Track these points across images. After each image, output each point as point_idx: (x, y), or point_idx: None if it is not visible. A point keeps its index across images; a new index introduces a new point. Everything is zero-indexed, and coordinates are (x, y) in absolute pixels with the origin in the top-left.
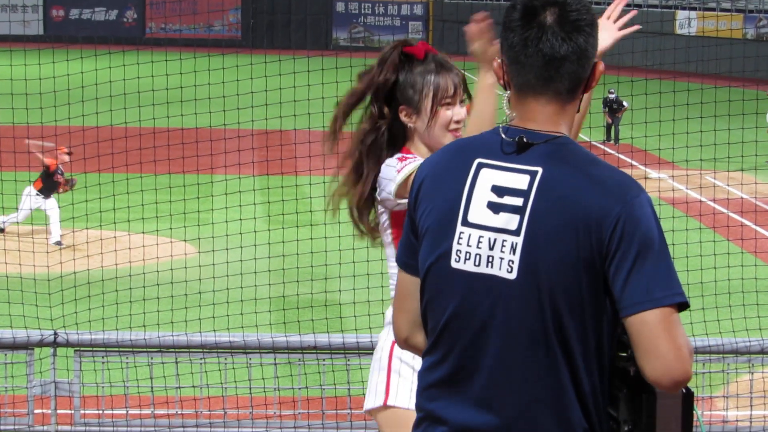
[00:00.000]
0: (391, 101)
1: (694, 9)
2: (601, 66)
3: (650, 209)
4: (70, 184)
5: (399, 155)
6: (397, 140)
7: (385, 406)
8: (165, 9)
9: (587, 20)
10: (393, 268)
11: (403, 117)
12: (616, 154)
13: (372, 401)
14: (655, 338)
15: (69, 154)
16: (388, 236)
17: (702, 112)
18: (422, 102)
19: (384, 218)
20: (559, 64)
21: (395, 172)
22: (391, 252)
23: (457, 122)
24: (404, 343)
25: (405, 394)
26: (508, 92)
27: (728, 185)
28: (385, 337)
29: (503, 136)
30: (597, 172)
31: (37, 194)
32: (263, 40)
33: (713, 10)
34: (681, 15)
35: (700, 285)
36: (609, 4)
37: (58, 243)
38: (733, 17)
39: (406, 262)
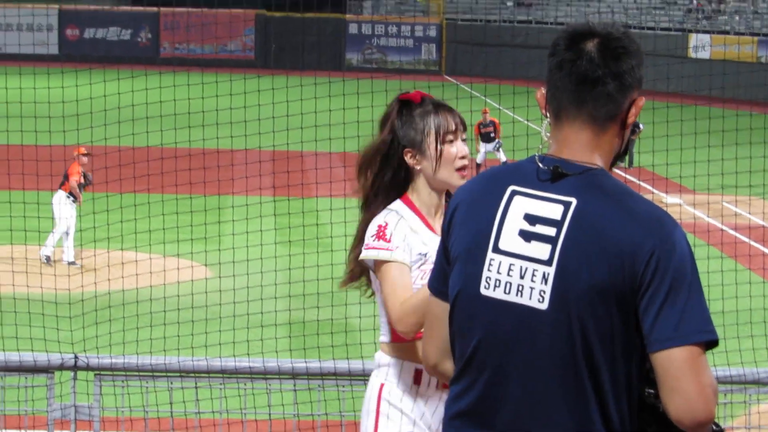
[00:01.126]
0: (393, 150)
1: (708, 32)
2: (641, 101)
3: (685, 244)
4: (88, 182)
5: (386, 218)
6: (401, 184)
7: None
8: (179, 29)
9: (629, 50)
10: (384, 317)
11: (408, 159)
12: (629, 177)
13: None
14: (681, 377)
15: (87, 155)
16: (377, 287)
17: (724, 138)
18: (425, 141)
19: (372, 269)
20: (592, 86)
21: (365, 245)
22: (380, 301)
23: (462, 158)
24: (433, 369)
25: None
26: (548, 119)
27: (749, 213)
28: (374, 379)
29: (539, 164)
30: (632, 205)
31: (68, 197)
32: (277, 61)
33: (727, 33)
34: (694, 38)
35: (721, 314)
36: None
37: (72, 263)
38: (741, 41)
39: (437, 288)
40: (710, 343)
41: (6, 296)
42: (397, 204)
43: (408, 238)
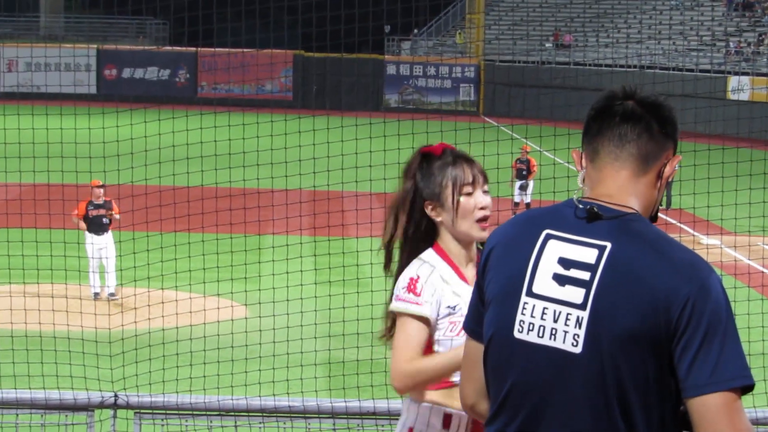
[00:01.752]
0: (416, 203)
1: (747, 74)
2: (678, 158)
3: (720, 289)
4: (107, 209)
5: (417, 271)
6: (427, 234)
7: None
8: (217, 69)
9: (667, 106)
10: None
11: (429, 212)
12: (669, 219)
13: None
14: (717, 423)
15: (102, 186)
16: None
17: (765, 181)
18: (443, 193)
19: None
20: (636, 123)
21: (396, 294)
22: None
23: (482, 209)
24: (470, 410)
25: None
26: (583, 170)
27: None
28: (403, 423)
29: (578, 205)
30: (667, 251)
31: (90, 234)
32: (315, 101)
33: (766, 75)
34: (733, 80)
35: (762, 356)
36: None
37: (112, 295)
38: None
39: (473, 329)
40: (746, 388)
41: (46, 334)
42: (429, 253)
43: (438, 291)
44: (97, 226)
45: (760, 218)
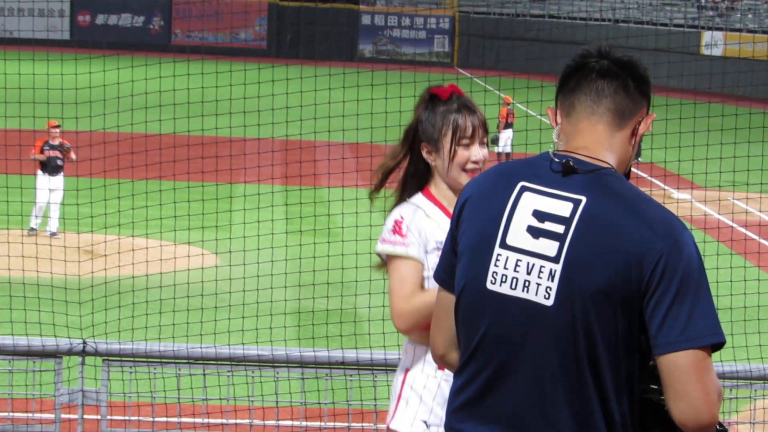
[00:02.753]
0: (416, 139)
1: (721, 29)
2: (652, 117)
3: (693, 248)
4: (62, 150)
5: (402, 211)
6: (422, 176)
7: (388, 429)
8: (191, 16)
9: (642, 65)
10: None
11: (424, 154)
12: (640, 173)
13: (386, 419)
14: (686, 382)
15: (57, 127)
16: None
17: (736, 136)
18: (441, 140)
19: None
20: (613, 79)
21: (381, 236)
22: None
23: (475, 162)
24: (440, 359)
25: (407, 420)
26: (558, 126)
27: (760, 210)
28: (401, 364)
29: (553, 158)
30: (642, 208)
31: (42, 173)
32: (289, 50)
33: (740, 30)
34: (707, 35)
35: (729, 311)
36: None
37: (54, 234)
38: (758, 38)
39: (444, 280)
40: (717, 345)
41: (15, 280)
42: (417, 197)
43: (424, 230)
44: (50, 167)
45: (731, 173)
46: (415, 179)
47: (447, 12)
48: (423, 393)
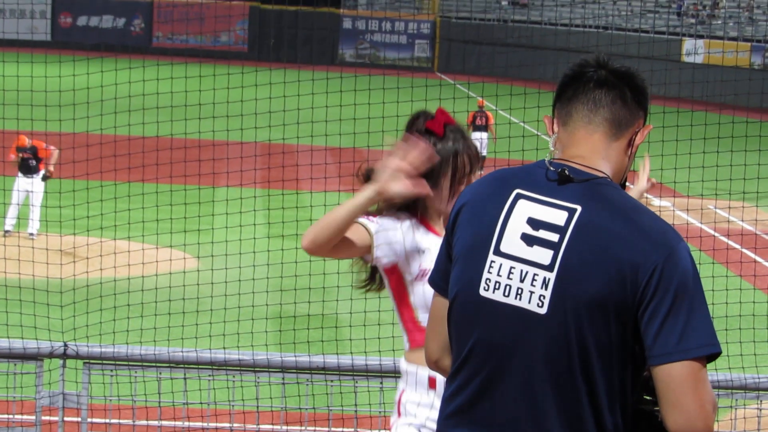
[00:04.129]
0: None
1: (702, 37)
2: (648, 128)
3: (689, 258)
4: (33, 152)
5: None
6: (411, 206)
7: None
8: (172, 19)
9: (640, 77)
10: (399, 320)
11: None
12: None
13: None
14: (681, 393)
15: (27, 138)
16: (388, 291)
17: (719, 145)
18: (440, 179)
19: (381, 271)
20: (610, 89)
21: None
22: (393, 305)
23: None
24: (434, 365)
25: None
26: (555, 135)
27: (742, 220)
28: (399, 385)
29: (549, 167)
30: (637, 218)
31: (18, 174)
32: (269, 53)
33: (721, 38)
34: (688, 43)
35: (712, 319)
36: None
37: (32, 235)
38: (740, 47)
39: (439, 285)
40: (712, 356)
41: None
42: (403, 215)
43: (399, 237)
44: (25, 167)
45: (713, 182)
46: (400, 207)
47: (428, 17)
48: (417, 412)
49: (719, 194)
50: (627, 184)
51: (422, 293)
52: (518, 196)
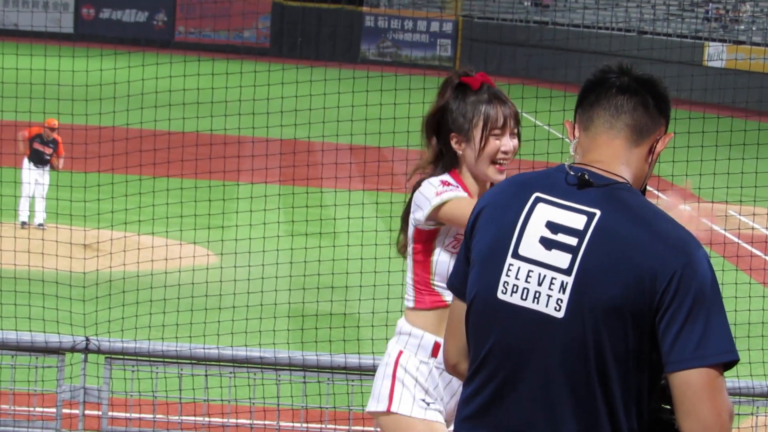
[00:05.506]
0: (443, 127)
1: (725, 42)
2: (670, 136)
3: (707, 265)
4: (52, 148)
5: (443, 178)
6: (448, 165)
7: (388, 412)
8: (195, 13)
9: (662, 84)
10: (410, 279)
11: (453, 144)
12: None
13: (375, 405)
14: (698, 401)
15: (54, 129)
16: (410, 249)
17: (745, 151)
18: (472, 130)
19: (411, 230)
20: (632, 95)
21: (434, 194)
22: (410, 263)
23: (505, 153)
24: (453, 369)
25: (407, 402)
26: (576, 139)
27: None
28: (394, 345)
29: (569, 171)
30: (656, 224)
31: (28, 162)
32: (291, 50)
33: (744, 43)
34: (711, 48)
35: (733, 326)
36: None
37: (41, 225)
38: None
39: (458, 289)
40: (730, 363)
41: (21, 275)
42: (445, 176)
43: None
44: (37, 158)
45: (738, 188)
46: (441, 166)
47: (450, 16)
48: (417, 375)
49: (744, 201)
50: (648, 188)
51: (447, 262)
52: (537, 200)
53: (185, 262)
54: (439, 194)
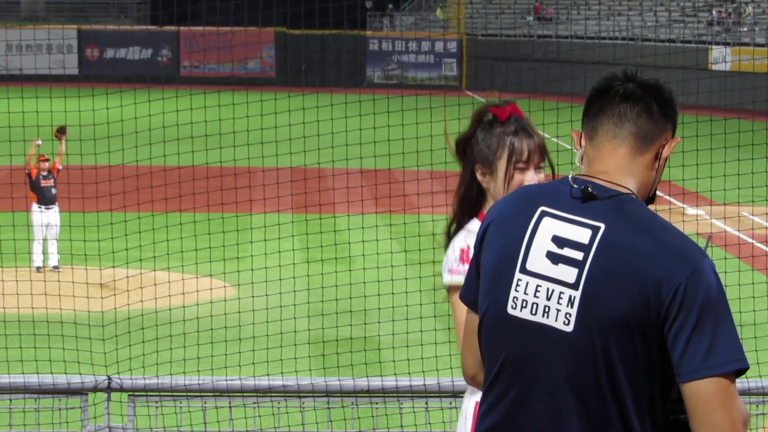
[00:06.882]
0: (470, 159)
1: (728, 44)
2: (676, 141)
3: (713, 275)
4: (52, 178)
5: (464, 243)
6: (476, 199)
7: None
8: (200, 46)
9: (667, 89)
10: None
11: (478, 175)
12: (658, 192)
13: None
14: (710, 410)
15: (46, 160)
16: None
17: (754, 152)
18: (496, 162)
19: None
20: (635, 102)
21: (447, 270)
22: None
23: None
24: (471, 380)
25: None
26: (581, 149)
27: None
28: (469, 398)
29: (573, 184)
30: (661, 235)
31: (39, 207)
32: (297, 78)
33: (748, 45)
34: (715, 51)
35: (752, 326)
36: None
37: (56, 267)
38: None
39: (471, 302)
40: (740, 371)
41: (39, 318)
42: (474, 223)
43: None
44: (46, 197)
45: (749, 189)
46: (468, 203)
47: (453, 36)
48: None
49: (756, 201)
50: (658, 193)
51: None
52: (543, 214)
53: (202, 296)
54: (451, 272)
